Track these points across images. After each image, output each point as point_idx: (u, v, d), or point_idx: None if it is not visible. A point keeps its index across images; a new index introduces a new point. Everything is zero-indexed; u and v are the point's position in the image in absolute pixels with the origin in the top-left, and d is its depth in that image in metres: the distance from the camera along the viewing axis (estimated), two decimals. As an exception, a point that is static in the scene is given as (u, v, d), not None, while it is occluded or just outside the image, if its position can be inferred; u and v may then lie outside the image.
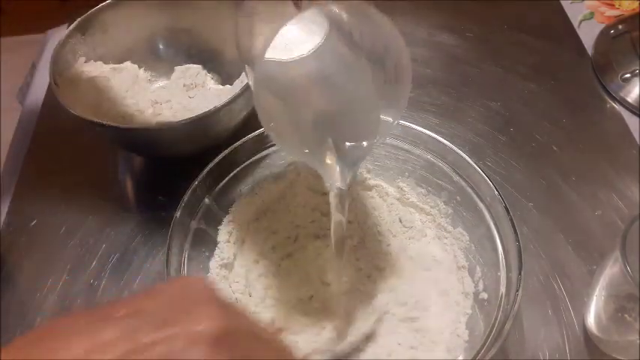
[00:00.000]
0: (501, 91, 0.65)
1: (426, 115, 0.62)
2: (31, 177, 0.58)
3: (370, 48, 0.37)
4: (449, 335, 0.43)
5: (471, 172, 0.45)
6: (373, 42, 0.36)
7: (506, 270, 0.41)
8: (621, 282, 0.38)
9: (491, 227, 0.43)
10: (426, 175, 0.49)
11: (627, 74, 0.64)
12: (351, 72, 0.38)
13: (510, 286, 0.39)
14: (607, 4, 0.76)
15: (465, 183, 0.46)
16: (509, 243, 0.41)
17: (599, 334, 0.43)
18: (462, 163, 0.46)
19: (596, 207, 0.53)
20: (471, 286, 0.45)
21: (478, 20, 0.60)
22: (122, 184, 0.58)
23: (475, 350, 0.37)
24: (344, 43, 0.37)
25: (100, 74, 0.58)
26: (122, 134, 0.50)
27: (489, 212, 0.44)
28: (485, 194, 0.44)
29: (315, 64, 0.38)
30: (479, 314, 0.42)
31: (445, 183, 0.48)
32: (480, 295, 0.43)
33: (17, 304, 0.48)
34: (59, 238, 0.53)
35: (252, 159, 0.49)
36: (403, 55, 0.35)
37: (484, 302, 0.42)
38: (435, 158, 0.48)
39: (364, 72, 0.37)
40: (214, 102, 0.50)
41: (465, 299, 0.44)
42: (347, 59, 0.38)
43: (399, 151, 0.49)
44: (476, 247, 0.46)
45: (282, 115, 0.39)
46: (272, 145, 0.49)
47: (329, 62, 0.38)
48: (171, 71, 0.63)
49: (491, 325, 0.38)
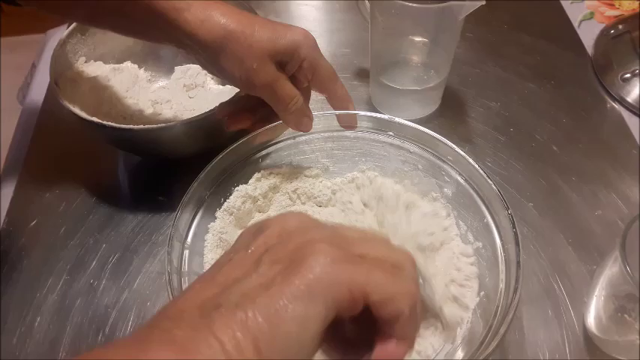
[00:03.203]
0: (501, 91, 0.65)
1: (425, 115, 0.62)
2: (31, 177, 0.58)
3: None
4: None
5: (469, 169, 0.45)
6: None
7: (506, 264, 0.40)
8: (621, 282, 0.38)
9: (489, 220, 0.43)
10: (424, 171, 0.49)
11: (627, 74, 0.64)
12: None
13: (510, 278, 0.39)
14: (607, 4, 0.76)
15: (462, 179, 0.46)
16: (508, 235, 0.41)
17: (599, 334, 0.43)
18: (460, 159, 0.46)
19: (596, 207, 0.53)
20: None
21: (478, 20, 0.60)
22: (122, 184, 0.58)
23: (475, 344, 0.37)
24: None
25: (100, 74, 0.58)
26: (122, 134, 0.50)
27: (487, 206, 0.44)
28: (483, 189, 0.44)
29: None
30: (476, 309, 0.42)
31: (442, 181, 0.48)
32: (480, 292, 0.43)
33: (17, 304, 0.48)
34: (59, 238, 0.53)
35: (252, 158, 0.49)
36: None
37: (483, 299, 0.42)
38: (433, 156, 0.48)
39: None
40: (214, 102, 0.50)
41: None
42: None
43: (399, 150, 0.49)
44: (475, 236, 0.46)
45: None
46: (271, 144, 0.49)
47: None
48: (172, 71, 0.63)
49: (490, 321, 0.38)
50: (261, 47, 0.42)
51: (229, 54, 0.42)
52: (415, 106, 0.61)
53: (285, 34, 0.43)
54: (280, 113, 0.46)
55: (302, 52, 0.44)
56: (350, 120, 0.49)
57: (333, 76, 0.46)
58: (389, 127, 0.49)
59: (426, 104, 0.62)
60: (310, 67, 0.45)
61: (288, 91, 0.44)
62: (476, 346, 0.36)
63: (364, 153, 0.51)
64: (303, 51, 0.44)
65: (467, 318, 0.41)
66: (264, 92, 0.44)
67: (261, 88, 0.44)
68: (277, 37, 0.43)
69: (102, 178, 0.58)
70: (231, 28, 0.42)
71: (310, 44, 0.44)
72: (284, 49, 0.43)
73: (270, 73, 0.43)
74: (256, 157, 0.49)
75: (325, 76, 0.46)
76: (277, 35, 0.43)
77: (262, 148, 0.50)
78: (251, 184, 0.49)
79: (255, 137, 0.48)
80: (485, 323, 0.39)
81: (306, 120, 0.47)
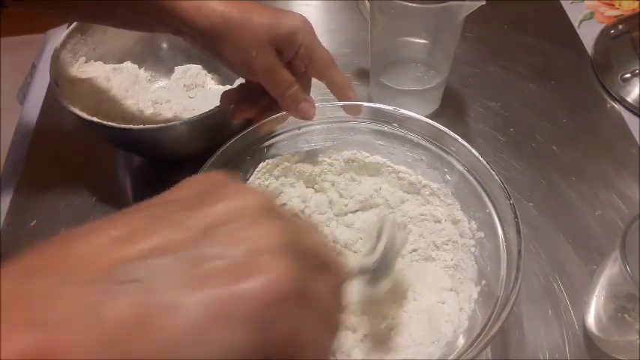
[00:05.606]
0: (501, 91, 0.65)
1: (425, 115, 0.62)
2: (31, 177, 0.58)
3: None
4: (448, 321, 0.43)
5: (472, 160, 0.45)
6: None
7: (507, 254, 0.40)
8: (621, 282, 0.38)
9: (491, 210, 0.43)
10: (427, 162, 0.49)
11: (627, 74, 0.64)
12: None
13: (511, 269, 0.39)
14: (607, 4, 0.76)
15: (465, 170, 0.46)
16: (509, 224, 0.41)
17: (599, 334, 0.43)
18: (463, 151, 0.46)
19: (596, 207, 0.53)
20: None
21: (478, 20, 0.60)
22: (122, 184, 0.58)
23: (475, 333, 0.37)
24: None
25: (100, 74, 0.58)
26: (122, 134, 0.50)
27: (489, 197, 0.44)
28: (486, 179, 0.44)
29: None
30: (478, 299, 0.42)
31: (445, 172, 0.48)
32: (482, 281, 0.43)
33: (17, 304, 0.48)
34: (59, 238, 0.53)
35: (257, 147, 0.49)
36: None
37: (484, 287, 0.42)
38: (437, 147, 0.47)
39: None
40: (214, 102, 0.50)
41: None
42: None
43: (403, 142, 0.49)
44: (477, 226, 0.45)
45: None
46: (270, 137, 0.49)
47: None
48: (171, 71, 0.63)
49: (492, 309, 0.38)
50: (260, 34, 0.42)
51: (228, 41, 0.42)
52: (415, 106, 0.61)
53: (283, 20, 0.43)
54: (277, 99, 0.46)
55: (299, 39, 0.44)
56: (354, 107, 0.49)
57: (329, 63, 0.46)
58: (393, 118, 0.48)
59: (426, 104, 0.62)
60: (307, 53, 0.45)
61: (285, 77, 0.44)
62: (477, 332, 0.36)
63: (368, 143, 0.50)
64: (299, 37, 0.44)
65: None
66: (264, 78, 0.45)
67: (260, 74, 0.44)
68: (276, 23, 0.43)
69: (102, 178, 0.58)
70: (230, 15, 0.42)
71: (307, 30, 0.44)
72: (282, 36, 0.43)
73: (269, 59, 0.43)
74: (261, 147, 0.49)
75: (322, 63, 0.46)
76: (276, 22, 0.43)
77: (267, 138, 0.49)
78: (257, 173, 0.49)
79: (259, 127, 0.48)
80: (486, 312, 0.39)
81: (306, 105, 0.46)
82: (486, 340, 0.34)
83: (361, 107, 0.48)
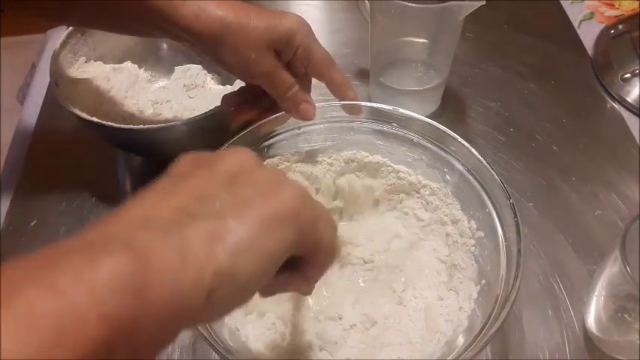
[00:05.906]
0: (501, 91, 0.65)
1: (425, 115, 0.62)
2: (31, 177, 0.58)
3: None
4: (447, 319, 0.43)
5: (472, 160, 0.45)
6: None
7: (507, 253, 0.40)
8: (621, 282, 0.38)
9: (491, 210, 0.43)
10: (427, 162, 0.49)
11: (627, 74, 0.64)
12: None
13: (510, 268, 0.39)
14: (607, 4, 0.76)
15: (465, 170, 0.46)
16: (509, 224, 0.41)
17: (599, 334, 0.43)
18: (463, 150, 0.46)
19: (596, 207, 0.53)
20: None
21: (478, 20, 0.60)
22: (122, 184, 0.58)
23: (475, 332, 0.37)
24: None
25: (100, 74, 0.58)
26: (122, 134, 0.50)
27: (489, 196, 0.44)
28: (486, 179, 0.44)
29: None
30: (477, 298, 0.42)
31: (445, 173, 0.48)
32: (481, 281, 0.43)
33: (17, 304, 0.48)
34: (59, 238, 0.52)
35: (257, 148, 0.49)
36: None
37: (484, 287, 0.42)
38: (437, 147, 0.47)
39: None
40: (214, 102, 0.50)
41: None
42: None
43: (403, 141, 0.49)
44: (477, 226, 0.45)
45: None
46: (270, 137, 0.49)
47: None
48: (172, 71, 0.63)
49: (491, 308, 0.38)
50: (258, 37, 0.43)
51: (227, 45, 0.43)
52: (415, 106, 0.61)
53: (281, 22, 0.43)
54: (278, 100, 0.46)
55: (297, 40, 0.44)
56: (354, 107, 0.49)
57: (328, 62, 0.46)
58: (393, 118, 0.48)
59: (426, 104, 0.62)
60: (305, 54, 0.45)
61: (285, 79, 0.45)
62: (476, 332, 0.36)
63: (368, 143, 0.50)
64: (297, 38, 0.44)
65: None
66: (263, 81, 0.45)
67: (260, 77, 0.44)
68: (273, 25, 0.43)
69: (102, 178, 0.58)
70: (228, 19, 0.42)
71: (305, 31, 0.44)
72: (280, 38, 0.43)
73: (268, 62, 0.44)
74: (261, 147, 0.49)
75: (320, 63, 0.46)
76: (273, 24, 0.43)
77: (267, 138, 0.49)
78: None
79: (259, 127, 0.48)
80: (485, 311, 0.39)
81: (306, 106, 0.46)
82: (486, 340, 0.34)
83: (361, 107, 0.48)
